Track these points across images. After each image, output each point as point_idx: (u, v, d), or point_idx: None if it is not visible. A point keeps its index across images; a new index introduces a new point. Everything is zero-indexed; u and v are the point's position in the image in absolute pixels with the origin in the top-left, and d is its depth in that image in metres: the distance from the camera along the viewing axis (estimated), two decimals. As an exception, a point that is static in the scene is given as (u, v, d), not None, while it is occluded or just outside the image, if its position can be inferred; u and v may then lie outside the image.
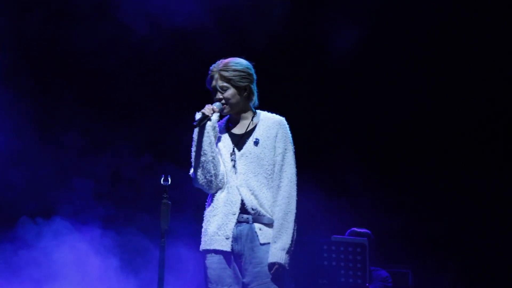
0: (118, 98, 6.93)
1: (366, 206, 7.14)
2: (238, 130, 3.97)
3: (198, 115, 3.85)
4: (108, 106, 6.93)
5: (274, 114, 4.00)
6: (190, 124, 3.90)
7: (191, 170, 3.92)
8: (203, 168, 3.82)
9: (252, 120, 3.95)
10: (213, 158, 3.83)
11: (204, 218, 3.93)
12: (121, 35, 6.70)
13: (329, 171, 7.22)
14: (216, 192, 3.88)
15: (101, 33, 6.70)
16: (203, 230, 3.91)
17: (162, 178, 4.17)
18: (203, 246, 3.89)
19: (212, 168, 3.82)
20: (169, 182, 4.21)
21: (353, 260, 5.00)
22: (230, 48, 6.67)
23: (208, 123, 3.85)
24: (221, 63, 3.93)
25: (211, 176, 3.82)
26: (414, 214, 7.16)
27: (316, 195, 6.69)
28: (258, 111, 4.02)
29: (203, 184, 3.85)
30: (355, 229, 5.91)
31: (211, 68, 3.95)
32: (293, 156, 3.91)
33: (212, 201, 3.89)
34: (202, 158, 3.81)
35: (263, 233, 3.78)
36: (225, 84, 3.89)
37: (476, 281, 6.87)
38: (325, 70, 7.11)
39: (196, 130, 3.86)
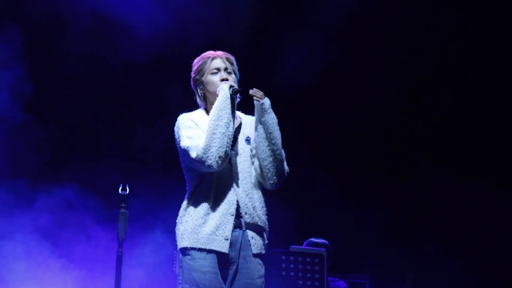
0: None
1: (324, 216, 7.14)
2: None
3: (226, 85, 3.57)
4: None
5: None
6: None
7: (190, 142, 3.51)
8: (221, 141, 3.44)
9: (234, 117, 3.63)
10: (232, 134, 3.52)
11: (187, 214, 3.56)
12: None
13: (287, 181, 7.16)
14: (208, 190, 3.55)
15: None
16: (190, 227, 3.53)
17: (120, 188, 4.12)
18: (194, 244, 3.51)
19: (227, 143, 3.47)
20: (127, 192, 4.17)
21: (311, 271, 4.99)
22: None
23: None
24: (220, 51, 3.74)
25: (224, 152, 3.45)
26: (371, 223, 7.18)
27: (273, 204, 6.64)
28: None
29: (211, 157, 3.43)
30: (313, 239, 5.89)
31: (209, 52, 3.72)
32: None
33: (202, 198, 3.56)
34: (221, 130, 3.46)
35: (255, 242, 3.59)
36: (231, 69, 3.71)
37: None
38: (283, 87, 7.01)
39: (223, 100, 3.52)
